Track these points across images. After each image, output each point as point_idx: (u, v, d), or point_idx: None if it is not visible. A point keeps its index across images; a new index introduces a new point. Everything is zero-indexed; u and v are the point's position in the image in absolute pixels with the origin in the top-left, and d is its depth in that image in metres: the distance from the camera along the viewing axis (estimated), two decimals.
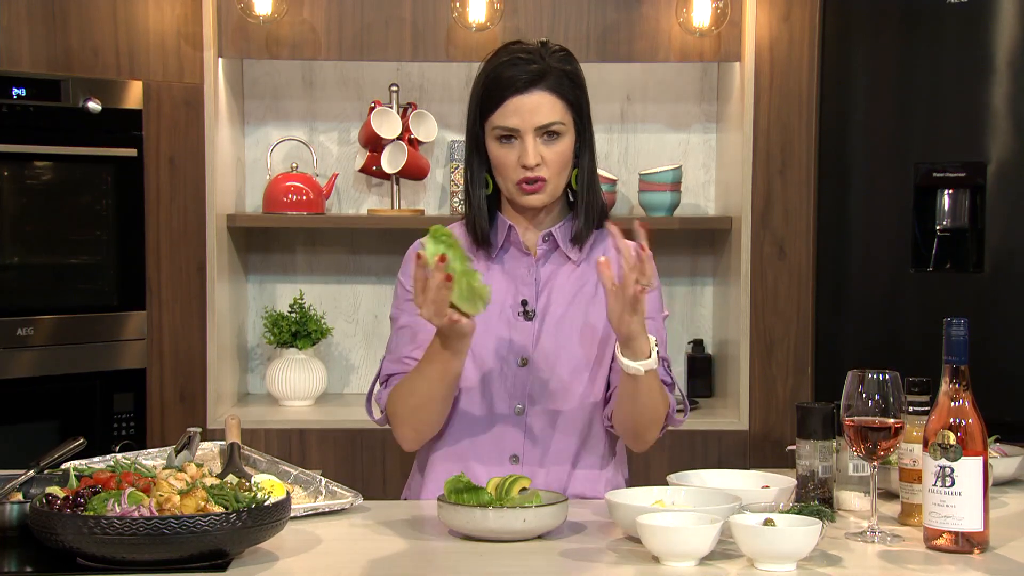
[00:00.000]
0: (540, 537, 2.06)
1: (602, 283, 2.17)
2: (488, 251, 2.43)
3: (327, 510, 2.23)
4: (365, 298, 4.11)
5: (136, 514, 1.82)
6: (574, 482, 2.41)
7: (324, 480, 2.33)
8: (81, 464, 2.23)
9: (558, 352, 2.38)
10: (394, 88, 3.96)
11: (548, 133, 2.34)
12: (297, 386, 3.86)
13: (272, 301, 4.08)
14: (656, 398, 2.29)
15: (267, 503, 1.91)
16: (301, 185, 3.86)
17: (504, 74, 2.34)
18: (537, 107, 2.33)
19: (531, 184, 2.34)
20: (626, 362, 2.20)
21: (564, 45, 2.43)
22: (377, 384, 2.45)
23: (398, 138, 3.90)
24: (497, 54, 2.39)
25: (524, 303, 2.41)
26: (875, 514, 2.10)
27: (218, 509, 1.87)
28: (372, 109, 3.90)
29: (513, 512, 2.02)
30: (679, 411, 2.41)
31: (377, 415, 2.44)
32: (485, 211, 2.41)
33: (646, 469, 3.39)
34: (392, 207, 3.96)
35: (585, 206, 2.40)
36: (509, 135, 2.34)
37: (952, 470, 1.98)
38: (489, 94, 2.36)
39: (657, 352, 2.22)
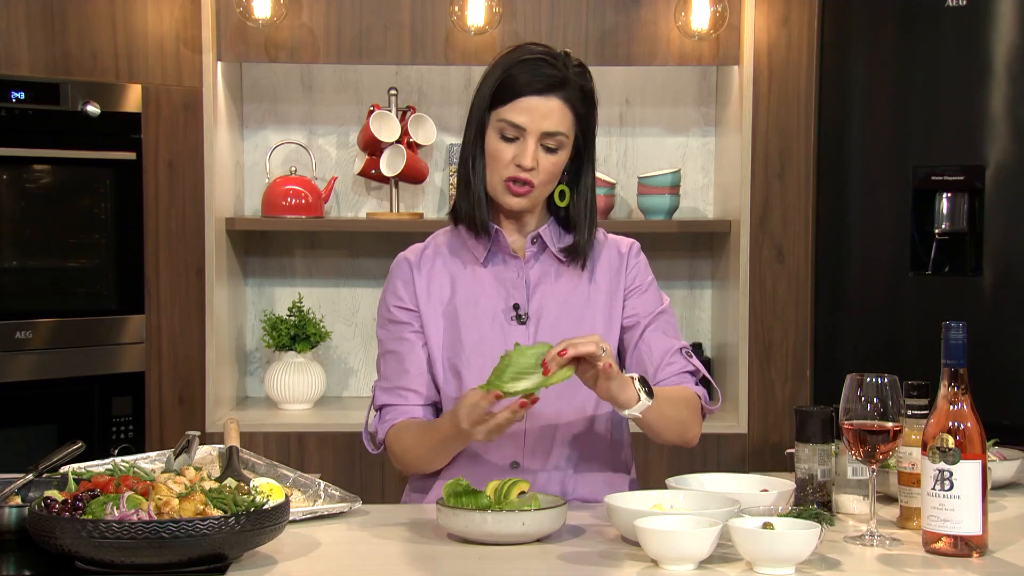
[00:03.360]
0: (539, 540, 2.06)
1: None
2: (477, 255, 2.42)
3: (326, 514, 2.23)
4: (364, 301, 4.11)
5: (135, 518, 1.82)
6: (576, 487, 2.40)
7: (323, 484, 2.33)
8: (80, 468, 2.22)
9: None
10: (393, 92, 3.96)
11: (551, 143, 2.33)
12: (296, 389, 3.86)
13: (271, 304, 4.08)
14: (671, 416, 2.31)
15: (266, 507, 1.91)
16: (300, 188, 3.86)
17: (526, 71, 2.33)
18: (549, 113, 2.32)
19: (519, 185, 2.34)
20: (623, 413, 2.23)
21: (563, 48, 2.42)
22: (372, 412, 2.45)
23: (397, 141, 3.90)
24: (519, 49, 2.38)
25: (516, 307, 2.40)
26: (874, 517, 2.10)
27: (217, 513, 1.87)
28: (371, 112, 3.90)
29: (512, 516, 2.02)
30: (708, 388, 2.43)
31: (373, 448, 2.46)
32: (484, 200, 2.39)
33: (645, 472, 3.39)
34: (391, 210, 3.96)
35: (587, 224, 2.41)
36: (513, 132, 2.33)
37: (951, 473, 1.98)
38: (505, 86, 2.34)
39: (646, 392, 2.21)
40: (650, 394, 2.22)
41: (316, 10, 3.73)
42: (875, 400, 2.07)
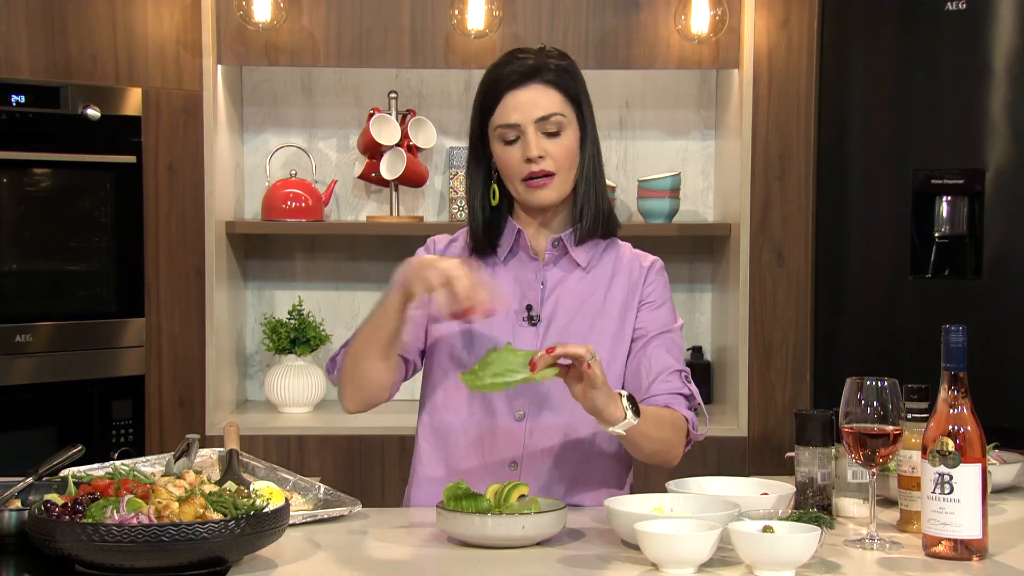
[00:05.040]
0: (539, 544, 2.06)
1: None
2: (495, 256, 2.43)
3: (326, 517, 2.23)
4: (364, 305, 4.11)
5: (135, 521, 1.82)
6: (575, 490, 2.40)
7: (322, 487, 2.33)
8: (79, 471, 2.22)
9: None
10: (393, 95, 3.96)
11: (550, 127, 2.34)
12: (296, 393, 3.86)
13: (271, 308, 4.08)
14: (655, 437, 2.29)
15: (266, 510, 1.91)
16: (300, 192, 3.86)
17: (501, 72, 2.36)
18: (535, 100, 2.33)
19: (537, 179, 2.34)
20: (607, 430, 2.20)
21: (563, 52, 2.43)
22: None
23: (397, 145, 3.90)
24: (497, 60, 2.41)
25: (529, 308, 2.40)
26: (874, 521, 2.10)
27: (217, 516, 1.87)
28: (371, 116, 3.90)
29: (512, 519, 2.02)
30: (698, 415, 2.41)
31: (334, 375, 2.43)
32: (485, 217, 2.41)
33: (645, 476, 3.38)
34: (391, 214, 3.96)
35: (588, 202, 2.39)
36: (512, 134, 2.34)
37: (951, 477, 1.98)
38: (487, 94, 2.37)
39: (633, 411, 2.18)
40: (636, 413, 2.19)
41: (316, 13, 3.74)
42: (875, 403, 2.07)
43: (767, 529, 1.94)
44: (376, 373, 2.34)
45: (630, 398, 2.20)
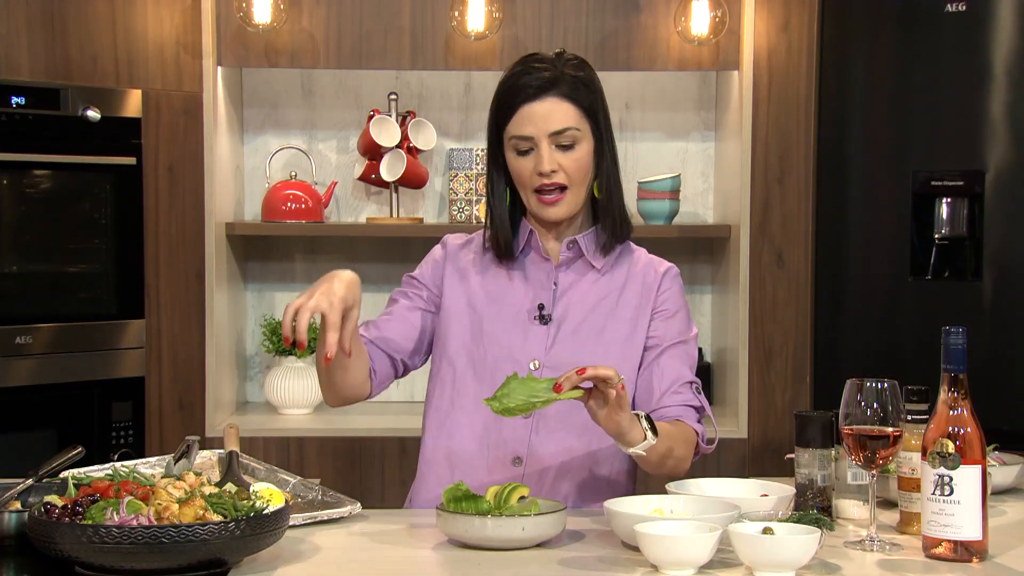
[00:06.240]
0: (539, 545, 2.06)
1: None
2: (509, 256, 2.44)
3: (326, 519, 2.22)
4: (364, 306, 4.09)
5: (135, 523, 1.82)
6: (576, 489, 2.40)
7: (323, 489, 2.33)
8: (79, 473, 2.22)
9: (571, 359, 2.35)
10: (393, 97, 3.96)
11: (564, 140, 2.34)
12: (296, 394, 3.86)
13: (271, 309, 4.08)
14: (669, 454, 2.28)
15: (266, 512, 1.91)
16: (300, 193, 3.86)
17: (517, 83, 2.35)
18: (550, 114, 2.33)
19: (549, 194, 2.34)
20: (627, 451, 2.19)
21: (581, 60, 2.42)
22: None
23: (397, 146, 3.90)
24: (514, 66, 2.40)
25: (541, 307, 2.40)
26: (874, 523, 2.10)
27: (217, 518, 1.87)
28: (371, 117, 3.90)
29: (512, 521, 2.02)
30: (708, 436, 2.40)
31: None
32: (507, 222, 2.42)
33: (645, 477, 3.38)
34: (391, 215, 3.96)
35: (608, 212, 2.40)
36: (526, 145, 2.34)
37: (951, 478, 1.98)
38: (503, 104, 2.37)
39: (652, 431, 2.17)
40: (655, 432, 2.19)
41: (316, 15, 3.74)
42: (875, 405, 2.07)
43: (767, 531, 1.94)
44: (342, 374, 2.44)
45: (647, 418, 2.20)
